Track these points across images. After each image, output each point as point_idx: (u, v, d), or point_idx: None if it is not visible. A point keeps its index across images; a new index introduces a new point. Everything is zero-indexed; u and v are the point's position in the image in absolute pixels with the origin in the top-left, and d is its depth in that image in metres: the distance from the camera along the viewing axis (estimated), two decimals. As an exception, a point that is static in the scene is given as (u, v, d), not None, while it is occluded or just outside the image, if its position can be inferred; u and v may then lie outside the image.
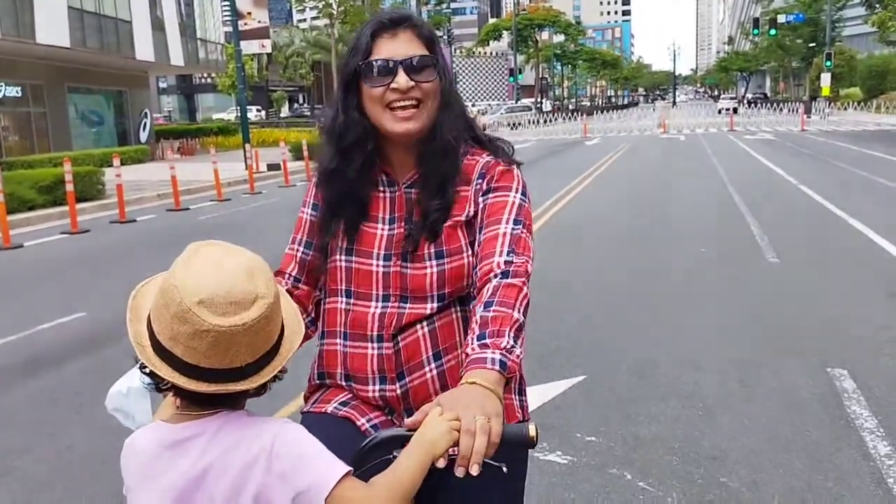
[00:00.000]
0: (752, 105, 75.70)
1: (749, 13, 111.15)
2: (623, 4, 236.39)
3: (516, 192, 1.48)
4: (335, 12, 37.42)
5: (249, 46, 24.81)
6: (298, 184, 17.68)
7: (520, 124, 48.65)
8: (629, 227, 10.16)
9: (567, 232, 9.88)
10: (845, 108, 54.85)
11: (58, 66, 24.91)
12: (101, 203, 14.68)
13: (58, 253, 10.07)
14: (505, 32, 70.85)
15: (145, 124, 31.16)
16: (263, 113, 59.04)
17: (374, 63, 1.43)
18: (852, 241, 8.54)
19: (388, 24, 1.45)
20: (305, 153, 20.12)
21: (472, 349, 1.25)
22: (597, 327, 5.62)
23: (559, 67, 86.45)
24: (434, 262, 1.46)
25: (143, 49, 27.43)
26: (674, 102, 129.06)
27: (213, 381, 1.04)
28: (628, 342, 5.18)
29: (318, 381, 1.57)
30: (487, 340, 1.25)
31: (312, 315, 1.59)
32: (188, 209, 14.05)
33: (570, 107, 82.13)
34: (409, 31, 1.45)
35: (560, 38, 78.67)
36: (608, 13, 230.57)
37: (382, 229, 1.51)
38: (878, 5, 34.63)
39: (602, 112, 76.18)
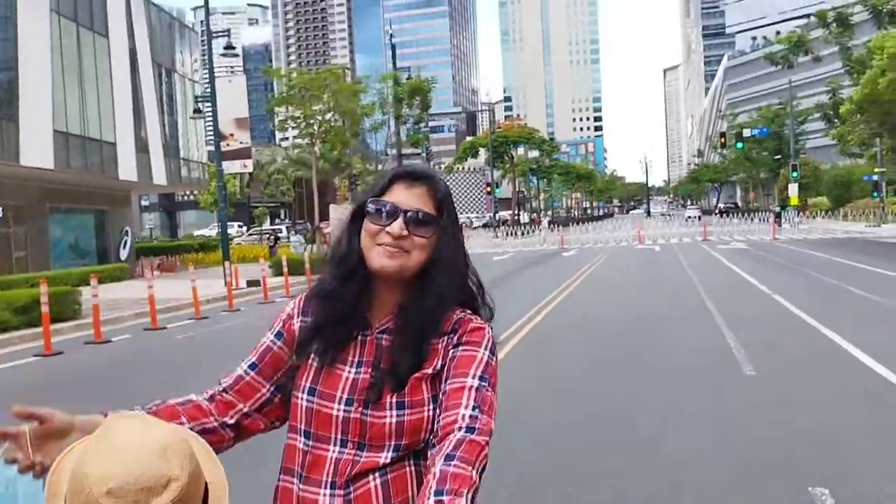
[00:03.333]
0: (725, 215, 77.71)
1: (716, 128, 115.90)
2: (595, 121, 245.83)
3: (486, 349, 1.49)
4: (316, 132, 38.48)
5: (231, 166, 25.33)
6: (278, 300, 17.64)
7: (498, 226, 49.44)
8: (606, 339, 10.18)
9: (541, 346, 9.87)
10: (814, 217, 56.46)
11: (40, 187, 25.21)
12: (77, 323, 14.52)
13: (27, 377, 9.86)
14: (482, 149, 72.99)
15: (126, 242, 31.30)
16: (245, 228, 59.61)
17: (380, 203, 1.50)
18: (827, 351, 8.60)
19: (408, 175, 1.54)
20: (285, 269, 20.21)
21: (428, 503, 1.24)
22: (578, 447, 5.53)
23: (535, 181, 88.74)
24: (395, 413, 1.46)
25: (127, 169, 27.91)
26: (648, 213, 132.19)
27: None
28: (605, 457, 5.09)
29: None
30: (444, 498, 1.23)
31: (228, 420, 1.59)
32: (165, 328, 13.92)
33: (547, 219, 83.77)
34: (424, 187, 1.52)
35: (535, 153, 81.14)
36: (581, 129, 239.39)
37: (349, 372, 1.52)
38: (836, 120, 36.27)
39: (578, 223, 77.72)
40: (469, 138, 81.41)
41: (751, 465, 4.90)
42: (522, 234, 54.60)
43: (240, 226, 60.14)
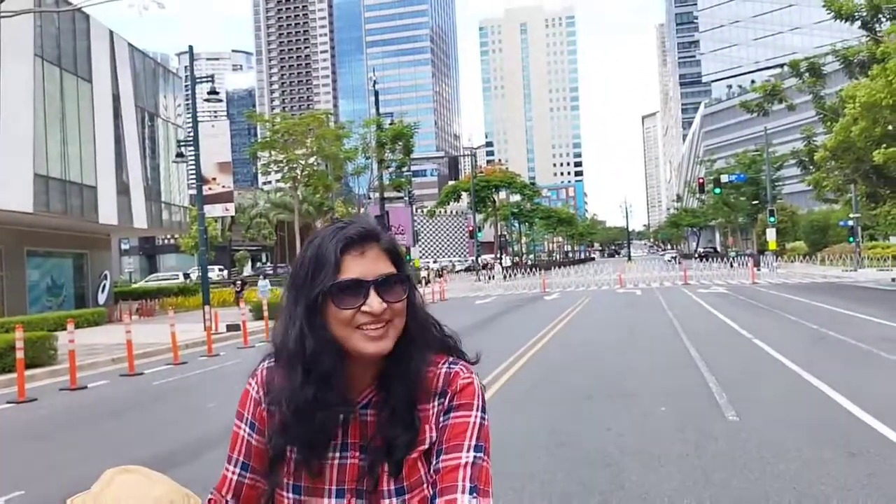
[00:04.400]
0: (704, 259, 78.41)
1: (694, 173, 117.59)
2: (575, 166, 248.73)
3: (477, 409, 1.39)
4: (299, 175, 38.60)
5: (213, 210, 25.27)
6: (258, 344, 17.47)
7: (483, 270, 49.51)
8: (587, 385, 10.14)
9: (524, 391, 9.81)
10: (792, 261, 57.10)
11: (18, 230, 25.00)
12: (52, 369, 14.27)
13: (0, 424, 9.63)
14: (464, 193, 73.50)
15: (104, 286, 31.00)
16: (225, 272, 59.29)
17: (342, 285, 1.33)
18: (808, 396, 8.62)
19: (355, 239, 1.36)
20: (265, 313, 20.07)
21: None
22: (558, 494, 5.46)
23: (517, 225, 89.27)
24: (395, 500, 1.36)
25: (107, 212, 27.79)
26: (629, 257, 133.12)
27: None
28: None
29: None
30: None
31: None
32: (142, 374, 13.70)
33: (529, 262, 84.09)
34: (375, 246, 1.37)
35: (517, 197, 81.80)
36: (561, 174, 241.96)
37: (333, 458, 1.39)
38: (811, 166, 36.98)
39: (560, 267, 78.04)
40: (451, 182, 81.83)
41: (734, 512, 4.86)
42: (505, 277, 54.67)
43: (220, 269, 59.83)
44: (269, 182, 75.54)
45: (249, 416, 1.45)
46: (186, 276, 52.16)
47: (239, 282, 36.92)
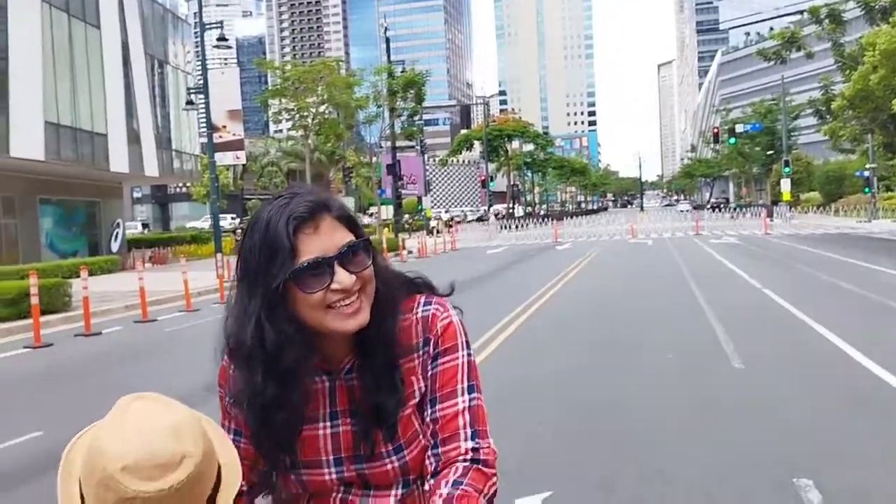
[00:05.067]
0: (717, 209, 77.93)
1: (709, 123, 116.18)
2: (589, 116, 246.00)
3: (462, 348, 1.37)
4: (310, 124, 38.35)
5: (224, 158, 25.22)
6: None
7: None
8: (596, 333, 10.21)
9: (534, 339, 9.89)
10: (806, 212, 56.68)
11: (30, 179, 25.09)
12: (67, 315, 14.48)
13: (17, 368, 9.83)
14: (476, 142, 72.99)
15: (117, 234, 31.21)
16: (238, 220, 59.49)
17: (304, 268, 1.24)
18: (817, 346, 8.64)
19: (306, 216, 1.25)
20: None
21: None
22: (564, 440, 5.55)
23: (530, 175, 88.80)
24: (394, 458, 1.35)
25: (118, 161, 27.80)
26: (641, 208, 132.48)
27: None
28: (596, 454, 5.11)
29: None
30: None
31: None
32: (156, 320, 13.89)
33: (542, 212, 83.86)
34: (327, 217, 1.27)
35: (530, 147, 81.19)
36: (575, 123, 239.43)
37: (325, 428, 1.37)
38: (827, 116, 36.40)
39: (572, 217, 77.86)
40: (464, 131, 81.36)
41: (737, 456, 4.93)
42: (516, 227, 54.63)
43: (233, 218, 60.04)
44: (281, 131, 75.21)
45: (233, 426, 1.41)
46: (146, 225, 51.82)
47: (239, 230, 36.99)
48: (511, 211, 74.76)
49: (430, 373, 1.35)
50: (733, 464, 4.78)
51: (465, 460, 1.29)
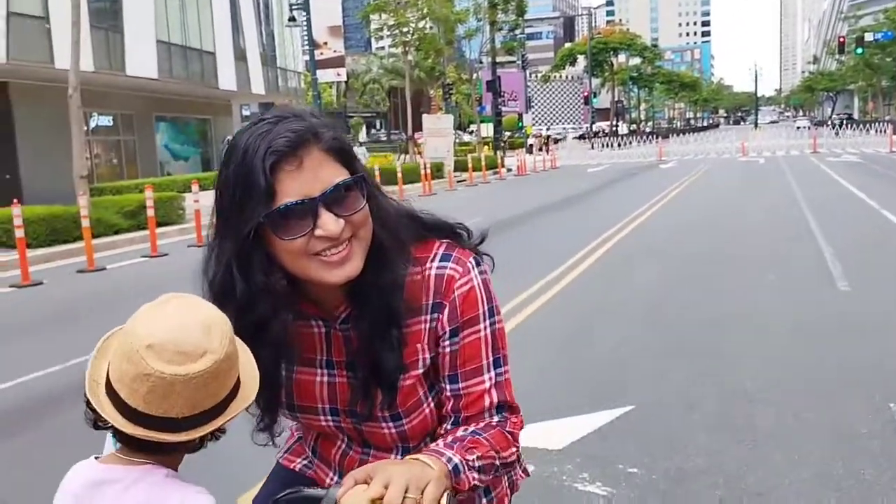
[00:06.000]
0: (839, 126, 73.20)
1: (835, 31, 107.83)
2: (703, 25, 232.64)
3: (485, 318, 1.22)
4: (410, 40, 38.02)
5: (325, 75, 25.54)
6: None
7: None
8: (697, 251, 9.95)
9: (633, 255, 9.75)
10: (940, 129, 52.37)
11: (146, 97, 26.19)
12: (181, 227, 15.31)
13: (135, 276, 10.54)
14: (580, 57, 70.66)
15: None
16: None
17: (284, 211, 1.08)
18: (933, 269, 8.15)
19: (285, 150, 1.07)
20: (377, 179, 20.53)
21: (434, 446, 1.13)
22: (652, 355, 5.52)
23: (635, 90, 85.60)
24: (391, 425, 1.26)
25: (226, 78, 28.58)
26: (755, 124, 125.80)
27: (146, 426, 1.04)
28: (683, 371, 5.07)
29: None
30: (455, 445, 1.12)
31: None
32: (262, 233, 14.47)
33: (647, 130, 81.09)
34: (314, 149, 1.10)
35: (636, 60, 77.98)
36: (687, 34, 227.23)
37: (321, 375, 1.27)
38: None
39: (680, 135, 74.91)
40: (567, 45, 78.84)
41: (831, 381, 4.79)
42: (619, 145, 53.17)
43: (336, 136, 60.98)
44: (382, 48, 75.04)
45: None
46: None
47: None
48: (614, 129, 72.62)
49: (448, 349, 1.22)
50: (827, 388, 4.65)
51: (490, 426, 1.21)
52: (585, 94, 62.93)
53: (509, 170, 30.83)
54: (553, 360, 5.54)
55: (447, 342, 1.21)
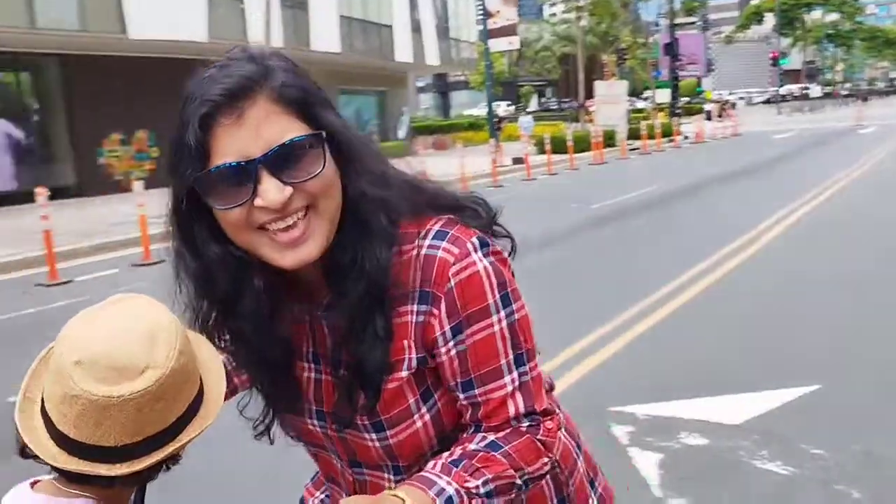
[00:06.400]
0: None
1: None
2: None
3: (498, 308, 0.99)
4: (583, 4, 37.18)
5: (497, 44, 25.61)
6: (539, 177, 18.07)
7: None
8: (891, 233, 9.13)
9: (823, 227, 9.13)
10: None
11: (330, 71, 27.49)
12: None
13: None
14: (768, 14, 65.90)
15: (403, 122, 33.44)
16: (513, 108, 60.45)
17: (215, 174, 0.89)
18: None
19: (222, 100, 0.89)
20: (547, 147, 20.45)
21: (430, 467, 0.95)
22: (841, 332, 5.18)
23: (831, 49, 78.74)
24: (374, 436, 1.05)
25: (402, 51, 29.41)
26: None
27: (80, 456, 0.86)
28: (875, 351, 4.73)
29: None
30: (459, 465, 0.94)
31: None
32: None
33: (844, 93, 74.53)
34: (259, 99, 0.90)
35: (834, 16, 71.59)
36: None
37: (309, 370, 1.08)
38: None
39: (883, 97, 68.16)
40: (754, 2, 73.66)
41: None
42: (810, 109, 49.33)
43: (508, 104, 61.09)
44: (554, 14, 73.95)
45: None
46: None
47: (495, 119, 37.41)
48: (806, 92, 67.36)
49: (454, 350, 1.00)
50: None
51: (519, 431, 1.01)
52: (773, 54, 58.73)
53: (686, 137, 29.54)
54: (733, 333, 5.35)
55: (451, 342, 0.99)
